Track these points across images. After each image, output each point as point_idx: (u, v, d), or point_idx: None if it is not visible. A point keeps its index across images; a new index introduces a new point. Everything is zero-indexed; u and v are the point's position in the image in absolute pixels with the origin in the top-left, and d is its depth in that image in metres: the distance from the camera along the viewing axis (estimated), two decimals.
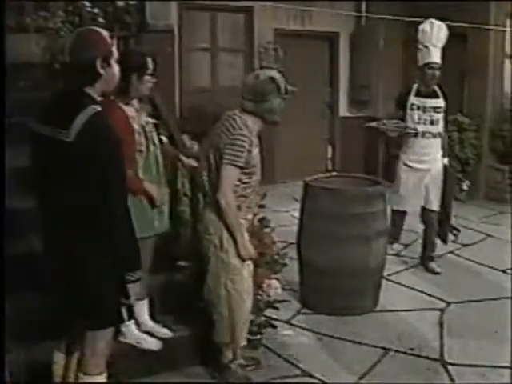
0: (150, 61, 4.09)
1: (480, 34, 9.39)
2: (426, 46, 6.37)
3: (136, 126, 4.04)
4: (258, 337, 4.61)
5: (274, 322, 4.85)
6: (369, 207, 5.34)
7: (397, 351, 4.76)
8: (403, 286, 6.07)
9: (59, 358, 3.39)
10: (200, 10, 9.72)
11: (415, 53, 6.50)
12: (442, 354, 4.74)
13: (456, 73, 10.03)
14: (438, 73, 6.36)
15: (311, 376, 4.40)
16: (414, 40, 6.66)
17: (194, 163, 4.62)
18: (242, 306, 4.04)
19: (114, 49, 3.07)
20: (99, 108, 2.95)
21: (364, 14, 10.71)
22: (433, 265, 6.56)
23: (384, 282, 5.78)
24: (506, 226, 8.26)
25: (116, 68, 3.10)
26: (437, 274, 6.45)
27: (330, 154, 11.44)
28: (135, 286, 3.10)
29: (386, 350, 4.77)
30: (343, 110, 11.36)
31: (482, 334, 5.03)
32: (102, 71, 3.00)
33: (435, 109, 6.42)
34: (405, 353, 4.74)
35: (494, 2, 9.58)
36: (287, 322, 5.22)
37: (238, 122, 3.88)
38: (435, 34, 6.36)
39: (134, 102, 4.13)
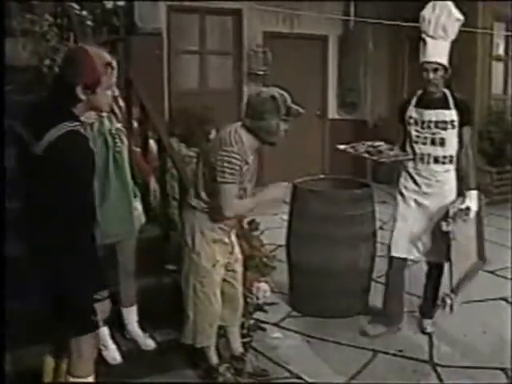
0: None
1: (468, 36, 9.41)
2: (424, 39, 4.87)
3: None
4: (248, 339, 4.61)
5: (263, 325, 4.86)
6: (357, 209, 5.35)
7: (386, 353, 4.77)
8: None
9: (49, 361, 3.40)
10: (188, 12, 9.72)
11: (403, 55, 6.20)
12: (431, 356, 4.76)
13: None
14: (436, 76, 4.77)
15: (300, 378, 4.41)
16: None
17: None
18: (208, 308, 4.04)
19: (107, 77, 2.91)
20: (74, 125, 2.84)
21: (352, 18, 10.74)
22: (426, 322, 5.22)
23: (373, 283, 5.78)
24: (493, 228, 8.27)
25: (105, 96, 2.96)
26: (425, 333, 5.15)
27: (319, 157, 11.45)
28: (101, 304, 3.04)
29: (375, 351, 4.77)
30: (332, 112, 11.37)
31: (470, 336, 5.05)
32: (83, 97, 2.87)
33: (438, 123, 4.79)
34: (394, 355, 4.75)
35: (482, 3, 9.62)
36: (276, 324, 5.23)
37: (231, 137, 3.81)
38: (434, 20, 4.82)
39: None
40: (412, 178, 4.97)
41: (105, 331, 4.27)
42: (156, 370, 4.23)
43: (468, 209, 4.67)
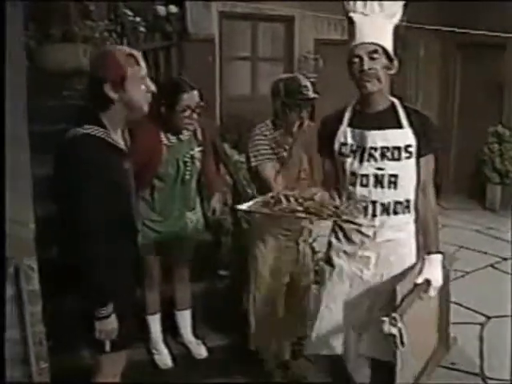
0: (186, 94, 3.86)
1: None
2: (350, 19, 3.14)
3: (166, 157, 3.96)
4: (299, 348, 4.61)
5: None
6: None
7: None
8: None
9: None
10: (241, 18, 9.76)
11: (454, 64, 5.58)
12: (482, 369, 4.70)
13: (495, 83, 9.93)
14: (375, 64, 3.04)
15: None
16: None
17: None
18: (268, 317, 4.08)
19: (133, 69, 2.80)
20: (87, 129, 2.76)
21: (403, 24, 10.66)
22: None
23: None
24: None
25: (137, 91, 2.83)
26: None
27: None
28: (102, 323, 2.84)
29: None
30: None
31: None
32: (113, 95, 2.77)
33: (387, 152, 3.10)
34: (445, 367, 4.70)
35: None
36: None
37: (256, 128, 3.94)
38: None
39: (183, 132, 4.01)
40: (347, 237, 3.29)
41: (157, 335, 4.33)
42: (207, 376, 4.27)
43: (428, 283, 3.11)
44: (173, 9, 7.01)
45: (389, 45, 3.10)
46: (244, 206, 3.09)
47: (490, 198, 9.82)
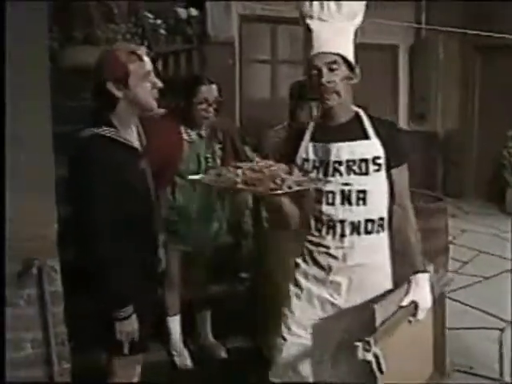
0: (203, 87, 3.96)
1: None
2: (307, 26, 2.87)
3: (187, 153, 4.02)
4: None
5: None
6: (430, 224, 5.27)
7: (456, 370, 4.70)
8: (462, 303, 5.98)
9: None
10: (260, 21, 9.76)
11: (474, 66, 5.60)
12: (501, 374, 4.66)
13: None
14: (335, 77, 2.79)
15: None
16: None
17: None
18: (276, 318, 4.06)
19: (135, 66, 2.78)
20: (97, 130, 2.78)
21: (423, 26, 10.64)
22: None
23: None
24: None
25: (142, 88, 2.81)
26: None
27: None
28: (122, 324, 2.84)
29: None
30: (403, 123, 11.24)
31: None
32: (117, 93, 2.77)
33: (353, 165, 2.85)
34: (464, 372, 4.68)
35: None
36: None
37: (274, 128, 4.19)
38: None
39: (203, 128, 4.08)
40: (314, 259, 3.00)
41: (177, 337, 4.35)
42: (227, 377, 4.27)
43: (415, 306, 2.82)
44: (193, 12, 7.05)
45: (349, 53, 2.87)
46: (196, 176, 3.11)
47: (510, 201, 9.77)
